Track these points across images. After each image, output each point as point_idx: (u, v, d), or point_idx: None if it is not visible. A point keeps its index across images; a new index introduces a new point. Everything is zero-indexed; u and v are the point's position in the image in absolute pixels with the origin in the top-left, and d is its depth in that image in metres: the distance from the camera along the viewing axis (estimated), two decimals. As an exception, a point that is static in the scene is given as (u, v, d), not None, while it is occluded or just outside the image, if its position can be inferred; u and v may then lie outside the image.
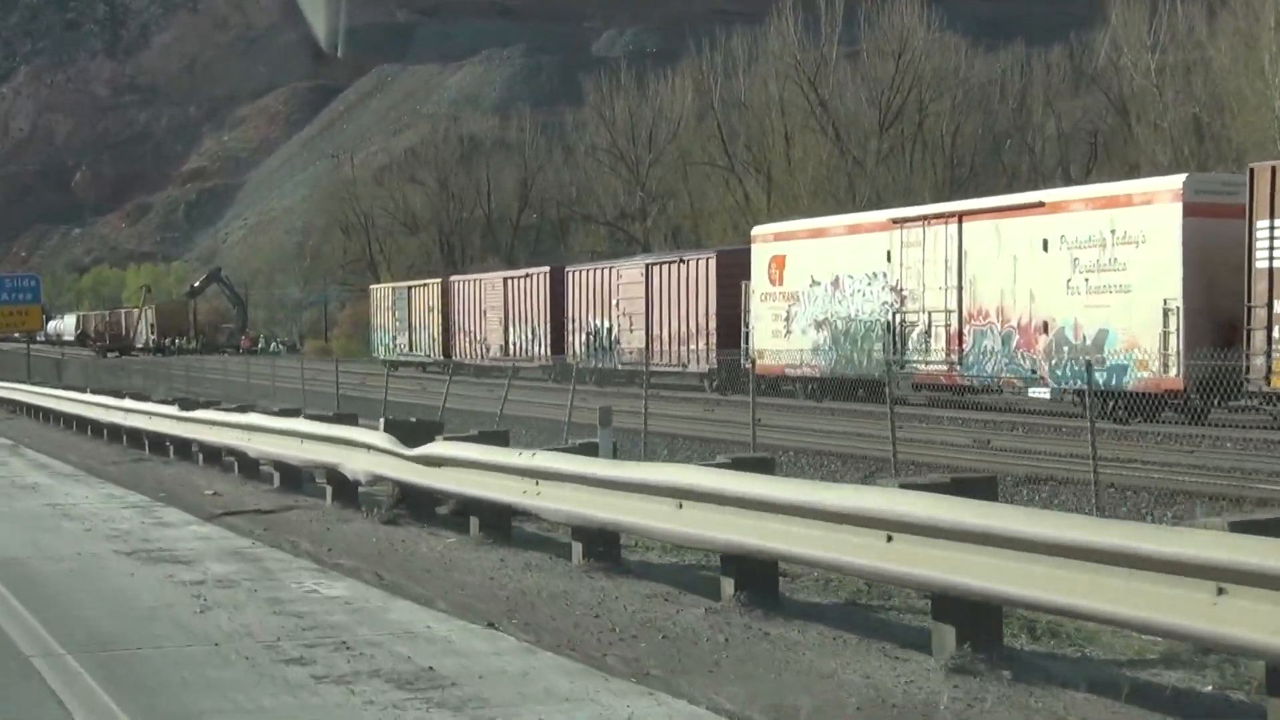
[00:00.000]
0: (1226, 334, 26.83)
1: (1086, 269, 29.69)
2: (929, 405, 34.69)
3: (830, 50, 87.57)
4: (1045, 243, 30.62)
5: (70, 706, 8.19)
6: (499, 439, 15.62)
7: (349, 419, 19.78)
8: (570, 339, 51.57)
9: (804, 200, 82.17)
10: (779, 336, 39.41)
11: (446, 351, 61.62)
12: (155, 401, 28.91)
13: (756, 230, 41.53)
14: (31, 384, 42.55)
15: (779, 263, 39.43)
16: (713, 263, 43.18)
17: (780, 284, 39.41)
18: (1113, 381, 28.97)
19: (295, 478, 19.97)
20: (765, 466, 11.76)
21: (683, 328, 44.52)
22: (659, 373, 46.34)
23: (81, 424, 33.25)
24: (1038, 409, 33.33)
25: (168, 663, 9.31)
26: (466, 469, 14.18)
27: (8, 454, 29.50)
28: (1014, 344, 31.71)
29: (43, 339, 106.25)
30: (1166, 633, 7.47)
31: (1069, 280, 30.12)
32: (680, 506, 10.82)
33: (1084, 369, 29.61)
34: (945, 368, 33.52)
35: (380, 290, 71.88)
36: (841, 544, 9.23)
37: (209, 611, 11.08)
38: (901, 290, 35.06)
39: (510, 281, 56.84)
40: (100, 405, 30.63)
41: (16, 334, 78.07)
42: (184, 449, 25.10)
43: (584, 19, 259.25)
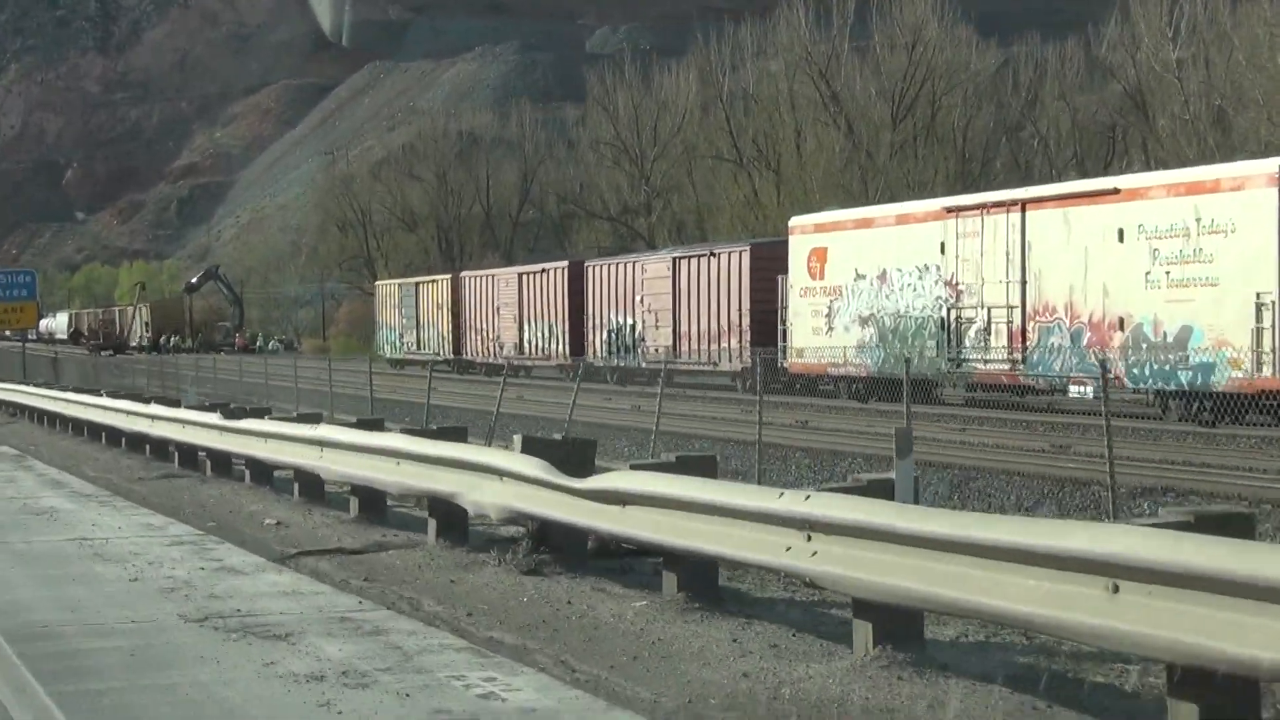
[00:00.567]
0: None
1: (1168, 261, 27.60)
2: (988, 406, 32.62)
3: (842, 42, 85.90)
4: (1121, 233, 28.52)
5: None
6: (702, 467, 11.64)
7: (455, 433, 16.44)
8: (590, 337, 49.46)
9: (815, 194, 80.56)
10: (820, 334, 37.33)
11: (457, 350, 59.60)
12: (190, 408, 25.00)
13: (795, 221, 39.42)
14: (35, 385, 39.30)
15: (820, 255, 37.33)
16: (746, 256, 41.06)
17: (821, 278, 37.32)
18: (1198, 381, 26.89)
19: (377, 505, 16.53)
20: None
21: (713, 324, 42.42)
22: (687, 371, 44.31)
23: (94, 430, 29.85)
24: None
25: None
26: (673, 512, 10.32)
27: (14, 467, 26.31)
28: (1084, 342, 29.62)
29: (34, 337, 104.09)
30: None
31: (1148, 273, 28.03)
32: (1116, 590, 7.07)
33: (1165, 368, 27.58)
34: (1007, 367, 31.42)
35: (386, 286, 69.77)
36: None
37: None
38: (957, 284, 32.98)
39: (526, 277, 54.69)
40: (120, 411, 27.04)
41: (8, 331, 76.18)
42: (223, 464, 21.78)
43: (576, 16, 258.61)
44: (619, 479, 11.22)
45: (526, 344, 54.20)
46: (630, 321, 46.88)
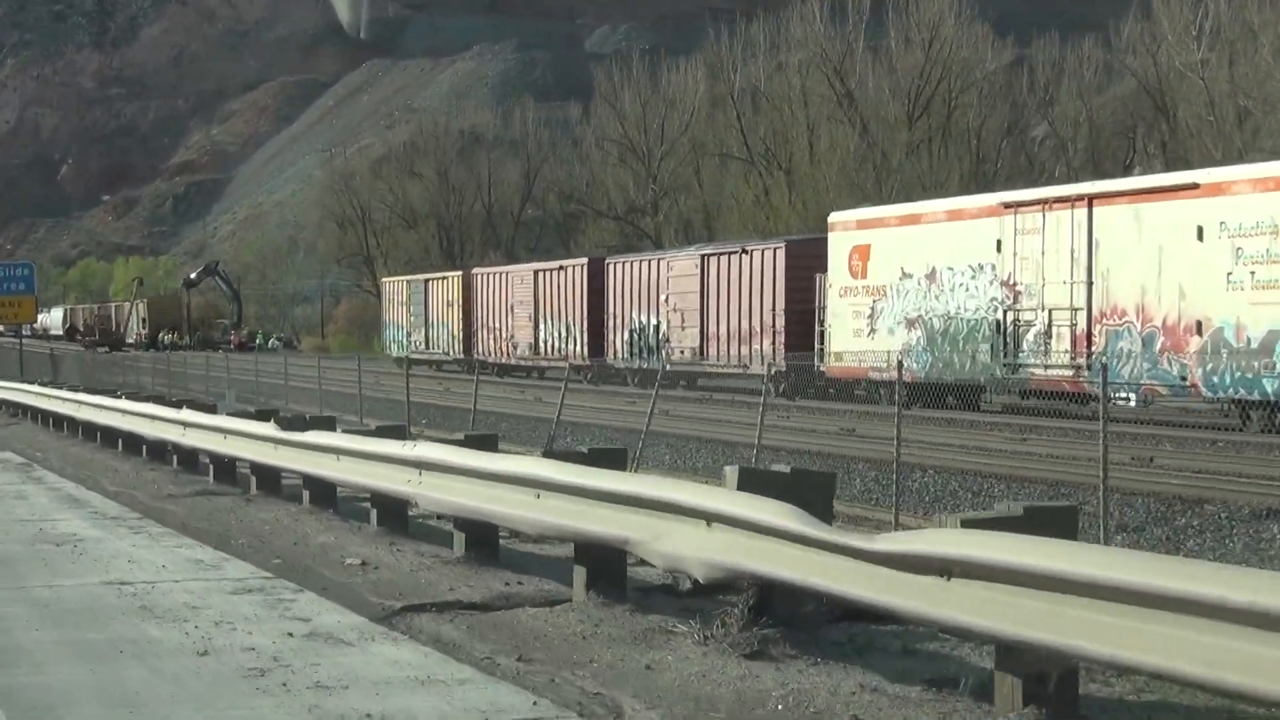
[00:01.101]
0: None
1: (1253, 260, 25.71)
2: (1049, 415, 30.70)
3: (856, 39, 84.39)
4: (1200, 230, 26.61)
5: None
6: (1060, 521, 8.03)
7: (611, 458, 12.30)
8: (611, 337, 47.53)
9: (829, 194, 79.01)
10: (861, 336, 35.41)
11: (467, 349, 57.71)
12: (233, 415, 21.18)
13: (835, 217, 37.50)
14: (40, 384, 36.19)
15: (862, 253, 35.43)
16: (781, 253, 39.13)
17: (863, 277, 35.41)
18: (1288, 390, 25.02)
19: (488, 541, 13.21)
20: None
21: (743, 325, 40.49)
22: (716, 374, 42.45)
23: (108, 436, 26.70)
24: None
25: None
26: (1026, 591, 6.97)
27: (21, 478, 22.88)
28: (1157, 346, 27.72)
29: (29, 333, 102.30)
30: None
31: (1230, 274, 26.12)
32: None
33: (1248, 376, 25.72)
34: (1070, 373, 29.51)
35: (393, 283, 67.83)
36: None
37: None
38: (1014, 284, 31.07)
39: (543, 274, 52.74)
40: (144, 416, 23.75)
41: (1, 327, 74.21)
42: (271, 481, 18.62)
43: (574, 15, 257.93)
44: (942, 541, 7.65)
45: (542, 344, 52.28)
46: (654, 321, 44.95)
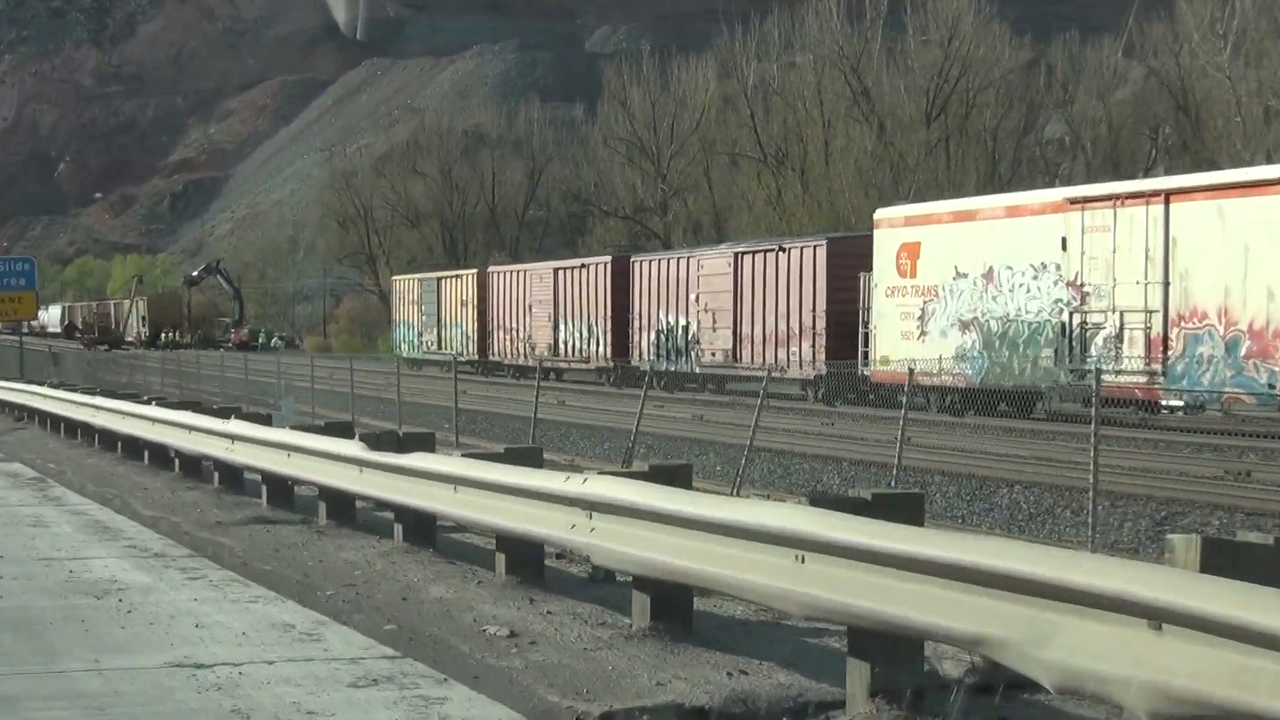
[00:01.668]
0: None
1: (1352, 259, 23.96)
2: (1122, 425, 28.90)
3: (874, 37, 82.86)
4: (1292, 227, 24.87)
5: None
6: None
7: (907, 504, 8.23)
8: (636, 338, 45.71)
9: (846, 193, 77.58)
10: (910, 339, 33.62)
11: (482, 350, 55.91)
12: (302, 430, 17.40)
13: (881, 213, 35.71)
14: (50, 385, 32.77)
15: (911, 251, 33.64)
16: (822, 251, 37.31)
17: (913, 276, 33.62)
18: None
19: (676, 606, 9.82)
20: None
21: (780, 327, 38.67)
22: (750, 378, 40.63)
23: (131, 446, 23.58)
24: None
25: None
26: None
27: (37, 498, 19.67)
28: (1243, 352, 25.92)
29: (26, 331, 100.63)
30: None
31: (1326, 273, 24.38)
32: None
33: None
34: (1144, 379, 27.70)
35: (404, 282, 66.01)
36: None
37: None
38: (1082, 285, 29.28)
39: (563, 273, 50.92)
40: (180, 426, 20.31)
41: None
42: (346, 508, 15.44)
43: (574, 16, 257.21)
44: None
45: (562, 344, 50.47)
46: (683, 322, 43.12)
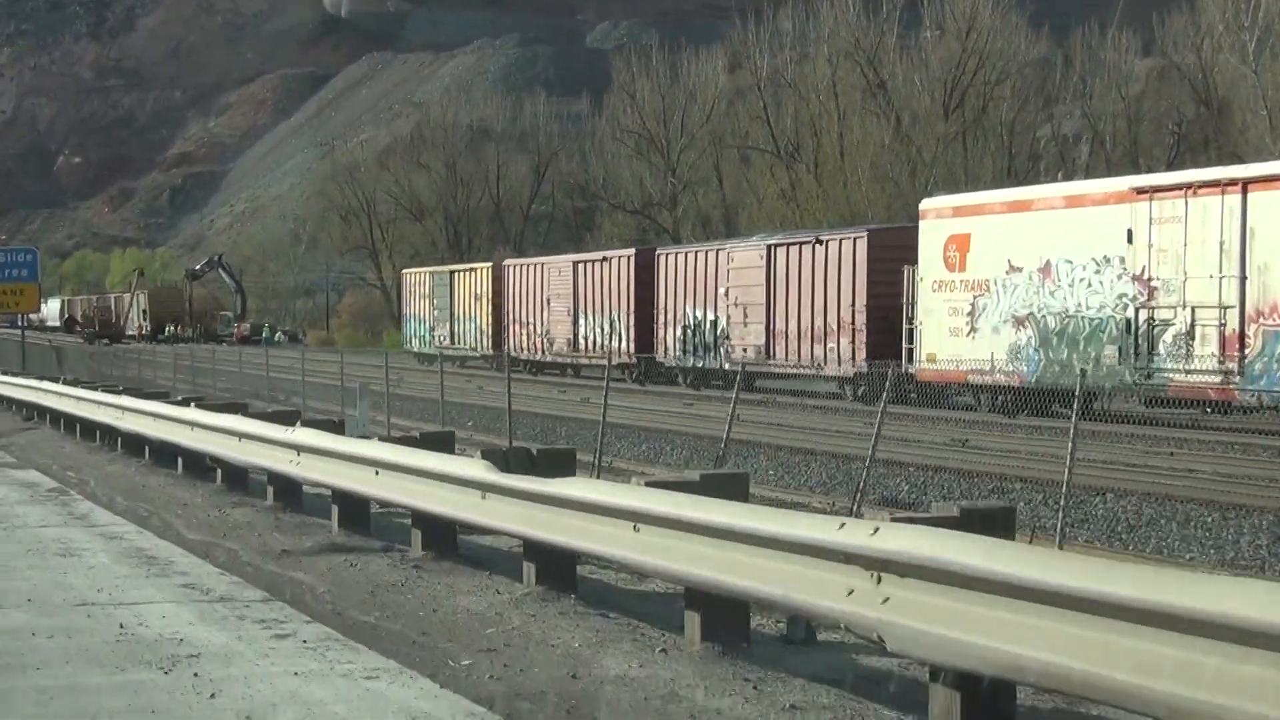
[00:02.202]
0: None
1: None
2: (1188, 426, 27.37)
3: (891, 29, 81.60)
4: (1385, 216, 23.28)
5: None
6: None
7: None
8: (661, 333, 44.11)
9: (862, 187, 76.33)
10: (959, 336, 32.02)
11: (497, 344, 54.32)
12: (400, 443, 14.10)
13: (928, 204, 34.10)
14: (65, 381, 29.85)
15: (960, 243, 32.04)
16: (862, 243, 35.70)
17: (962, 270, 32.03)
18: None
19: (992, 700, 7.09)
20: None
21: (817, 322, 37.07)
22: (784, 375, 39.08)
23: (160, 452, 21.03)
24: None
25: None
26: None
27: (61, 516, 16.67)
28: (1327, 349, 24.37)
29: (28, 325, 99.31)
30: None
31: None
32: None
33: None
34: (1217, 379, 26.10)
35: (415, 275, 64.42)
36: None
37: None
38: (1149, 280, 27.66)
39: (584, 266, 49.32)
40: (230, 433, 17.51)
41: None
42: (445, 538, 12.89)
43: (574, 11, 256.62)
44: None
45: (582, 340, 48.86)
46: (711, 317, 41.52)
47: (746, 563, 8.18)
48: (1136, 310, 27.93)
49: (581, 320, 48.81)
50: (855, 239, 36.08)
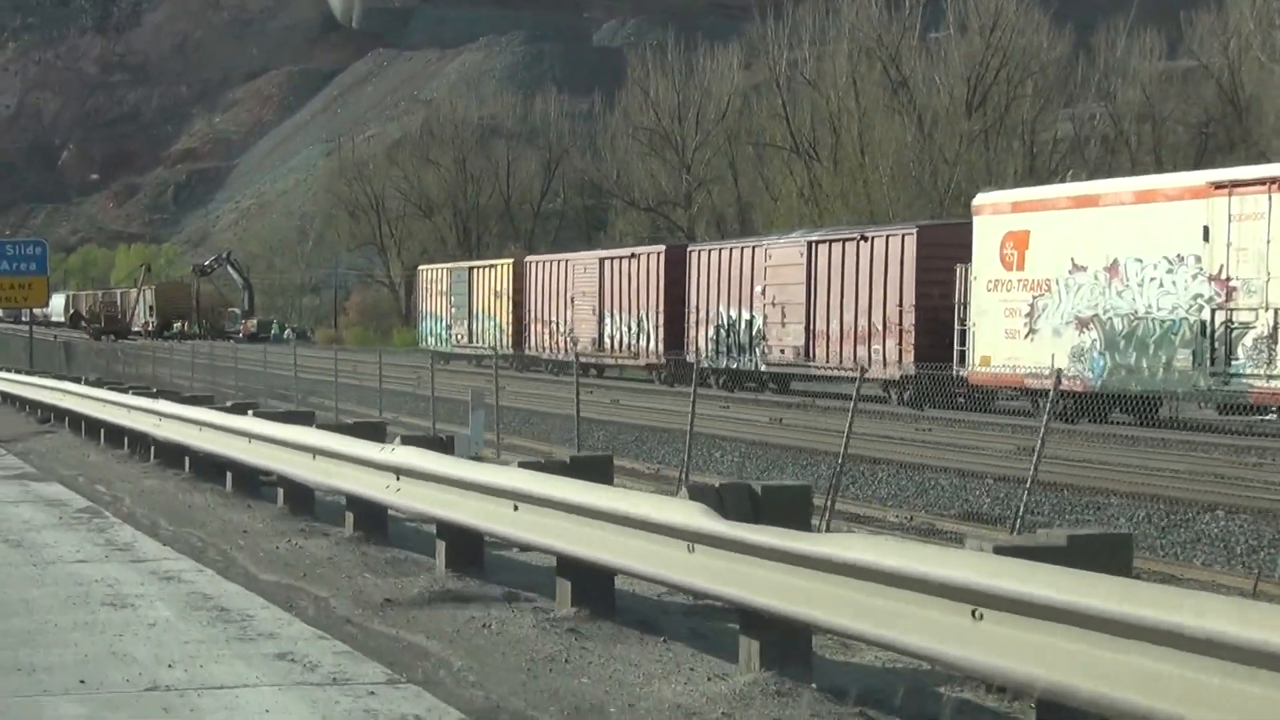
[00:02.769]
0: None
1: None
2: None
3: (914, 25, 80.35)
4: None
5: None
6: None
7: None
8: (692, 333, 42.59)
9: (884, 186, 75.06)
10: (1016, 338, 30.51)
11: (518, 343, 52.86)
12: (551, 472, 10.91)
13: (983, 199, 32.58)
14: (88, 381, 27.11)
15: (1018, 241, 30.53)
16: (911, 240, 34.19)
17: (1019, 269, 30.51)
18: None
19: None
20: None
21: (860, 323, 35.57)
22: (825, 378, 37.58)
23: (200, 463, 18.48)
24: None
25: None
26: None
27: (100, 547, 13.88)
28: None
29: (27, 319, 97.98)
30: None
31: None
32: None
33: None
34: (1302, 384, 24.62)
35: (432, 272, 62.93)
36: None
37: None
38: (1227, 279, 26.15)
39: (610, 263, 47.81)
40: (301, 448, 14.69)
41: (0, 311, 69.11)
42: (592, 583, 10.16)
43: (580, 9, 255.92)
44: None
45: (607, 339, 47.35)
46: (746, 316, 39.99)
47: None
48: (1213, 312, 26.43)
49: (608, 319, 47.32)
50: (904, 235, 34.57)
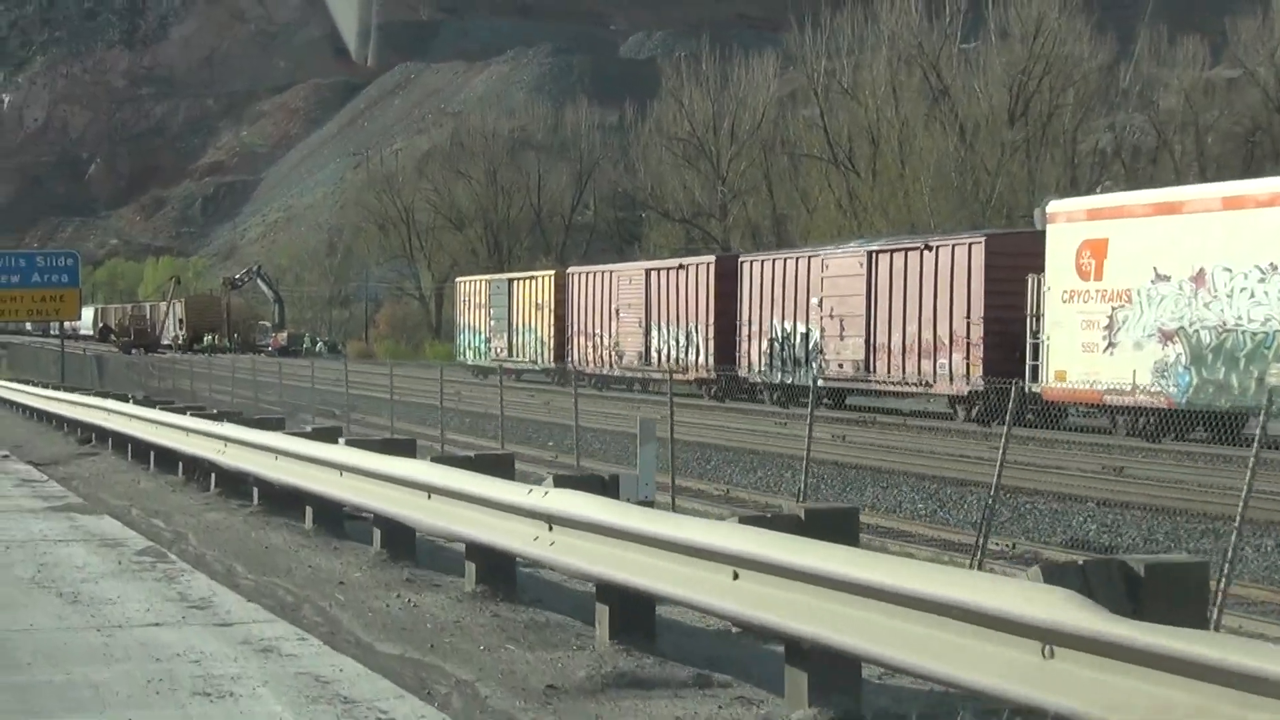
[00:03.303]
0: None
1: None
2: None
3: (954, 34, 79.26)
4: None
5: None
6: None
7: None
8: (744, 346, 41.28)
9: (925, 196, 73.89)
10: (1094, 351, 29.14)
11: (560, 357, 51.65)
12: (752, 521, 8.63)
13: (1056, 206, 31.22)
14: (136, 401, 24.92)
15: (1096, 249, 29.18)
16: (979, 249, 32.85)
17: (1097, 279, 29.16)
18: None
19: None
20: None
21: (925, 335, 34.23)
22: (887, 393, 36.26)
23: (274, 495, 16.30)
24: None
25: None
26: None
27: (175, 605, 11.49)
28: None
29: (56, 334, 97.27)
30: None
31: None
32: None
33: None
34: None
35: (470, 284, 61.76)
36: None
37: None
38: (1326, 288, 24.79)
39: (657, 274, 46.54)
40: (416, 485, 12.28)
41: (29, 324, 68.24)
42: (839, 676, 7.64)
43: (606, 20, 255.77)
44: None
45: (654, 353, 46.07)
46: (802, 329, 38.66)
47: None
48: (1311, 323, 25.06)
49: (654, 332, 46.03)
50: (970, 244, 33.22)
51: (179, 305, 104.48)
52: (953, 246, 33.69)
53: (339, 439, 15.62)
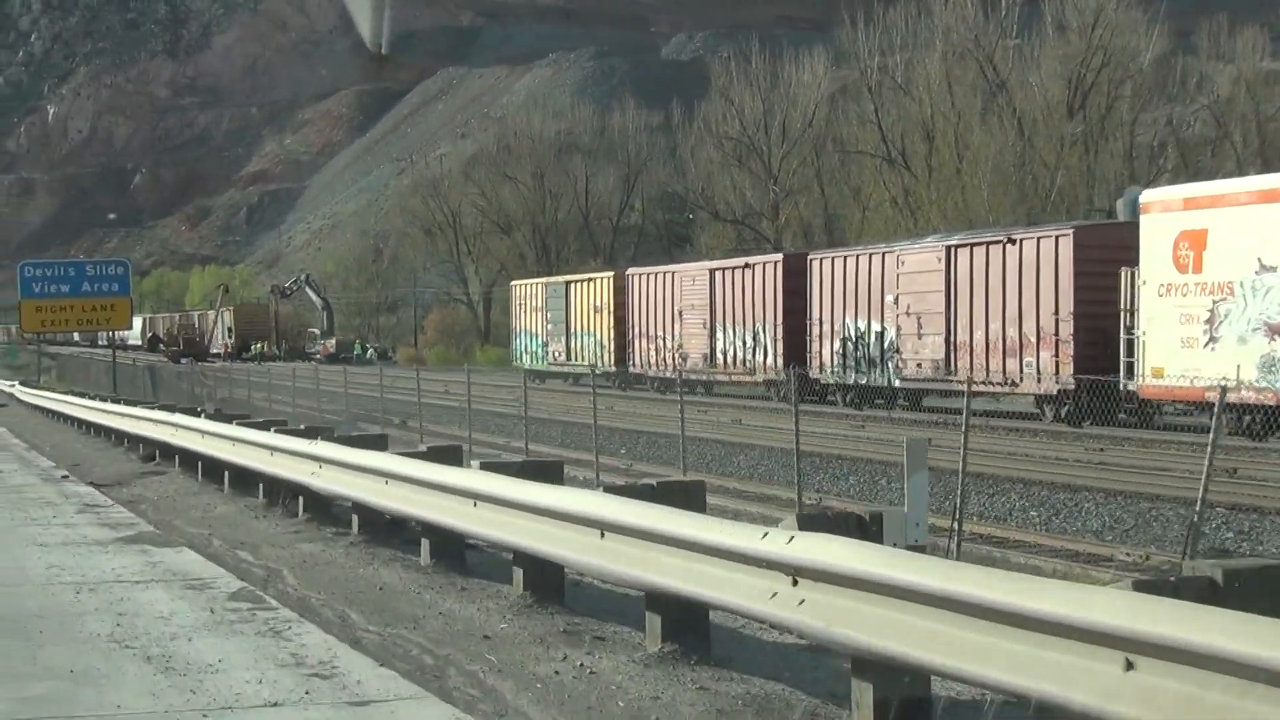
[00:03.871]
0: None
1: None
2: None
3: (1010, 26, 77.97)
4: None
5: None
6: None
7: None
8: (815, 346, 40.03)
9: (983, 192, 72.54)
10: (1193, 346, 27.82)
11: (620, 360, 50.52)
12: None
13: (1151, 195, 29.91)
14: (207, 415, 22.88)
15: (1194, 240, 27.85)
16: (1067, 242, 31.52)
17: (1196, 271, 27.84)
18: None
19: None
20: None
21: (1010, 333, 32.92)
22: (960, 393, 34.85)
23: (376, 525, 14.82)
24: None
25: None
26: None
27: (290, 671, 9.05)
28: None
29: (106, 344, 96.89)
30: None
31: None
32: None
33: None
34: None
35: (526, 287, 60.72)
36: None
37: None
38: None
39: (721, 274, 45.35)
40: (587, 523, 9.99)
41: (77, 335, 67.44)
42: None
43: (647, 23, 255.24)
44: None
45: (720, 354, 44.88)
46: (877, 327, 37.39)
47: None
48: None
49: (720, 333, 44.83)
50: (1058, 237, 31.91)
51: (228, 314, 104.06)
52: (1038, 240, 32.39)
53: (469, 461, 13.64)
